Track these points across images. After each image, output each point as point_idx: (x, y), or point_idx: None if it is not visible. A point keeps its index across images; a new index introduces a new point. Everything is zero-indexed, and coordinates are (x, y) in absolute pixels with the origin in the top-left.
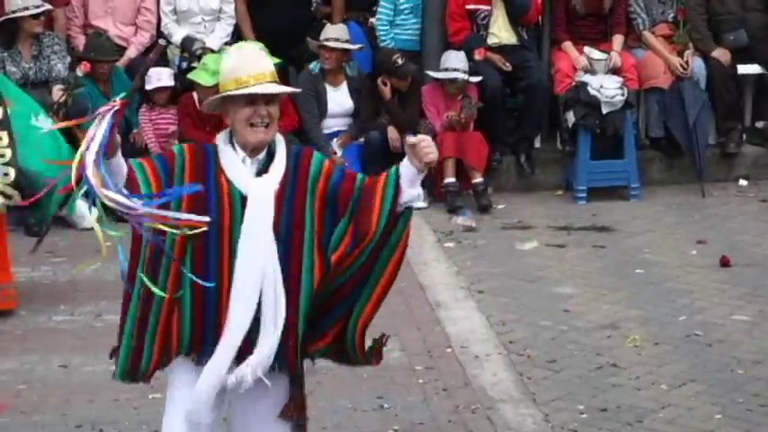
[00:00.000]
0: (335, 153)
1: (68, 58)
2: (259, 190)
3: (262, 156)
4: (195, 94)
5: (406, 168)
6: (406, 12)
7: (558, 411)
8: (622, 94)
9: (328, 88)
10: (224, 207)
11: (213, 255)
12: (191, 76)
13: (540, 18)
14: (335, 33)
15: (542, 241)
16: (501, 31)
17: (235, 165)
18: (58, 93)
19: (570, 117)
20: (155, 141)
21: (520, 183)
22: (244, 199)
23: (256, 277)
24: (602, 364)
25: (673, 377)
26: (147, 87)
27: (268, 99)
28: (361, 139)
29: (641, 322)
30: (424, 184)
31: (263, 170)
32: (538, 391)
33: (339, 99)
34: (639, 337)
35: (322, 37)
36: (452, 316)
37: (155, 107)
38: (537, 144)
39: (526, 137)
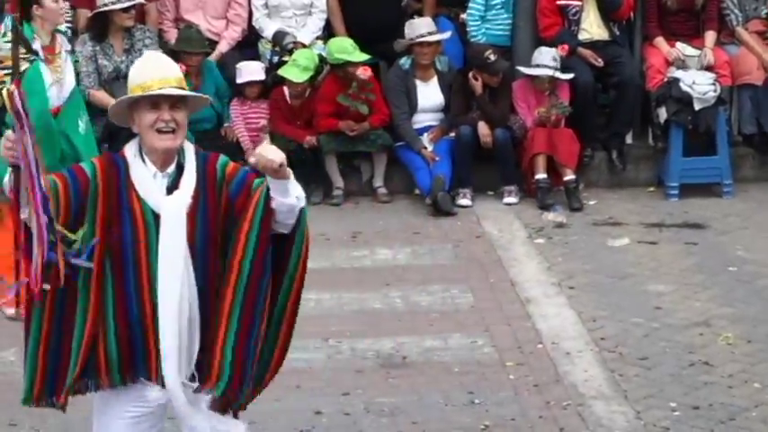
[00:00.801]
0: (426, 148)
1: (160, 51)
2: (171, 208)
3: (171, 169)
4: (286, 89)
5: (272, 183)
6: (498, 7)
7: (650, 409)
8: (715, 91)
9: (418, 83)
10: (138, 224)
11: (132, 273)
12: (281, 72)
13: (631, 13)
14: (428, 27)
15: (634, 238)
16: (592, 27)
17: (145, 181)
18: None
19: (662, 113)
20: (246, 135)
21: (611, 179)
22: (157, 216)
23: (177, 297)
24: (695, 361)
25: (765, 376)
26: (239, 81)
27: (173, 104)
28: (452, 134)
29: (734, 320)
30: (515, 181)
31: (173, 185)
32: (629, 389)
33: (429, 94)
34: (732, 335)
35: (416, 33)
36: (543, 312)
37: (246, 101)
38: (628, 140)
39: (618, 133)
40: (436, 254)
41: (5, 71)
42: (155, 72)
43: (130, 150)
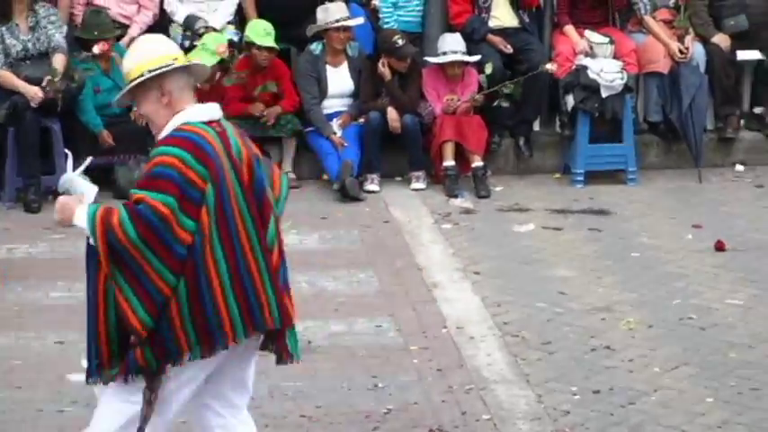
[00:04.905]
0: (335, 133)
1: (65, 28)
2: None
3: None
4: None
5: None
6: None
7: (552, 393)
8: (622, 78)
9: (329, 69)
10: None
11: None
12: (189, 56)
13: (541, 1)
14: (341, 12)
15: (539, 224)
16: (502, 14)
17: None
18: (60, 61)
19: (569, 100)
20: None
21: (518, 166)
22: None
23: None
24: (596, 346)
25: (665, 360)
26: None
27: None
28: (361, 120)
29: (636, 305)
30: (423, 167)
31: None
32: (531, 373)
33: (339, 79)
34: (633, 320)
35: (330, 18)
36: (448, 297)
37: None
38: (536, 127)
39: (525, 120)
40: (343, 239)
41: None
42: None
43: None
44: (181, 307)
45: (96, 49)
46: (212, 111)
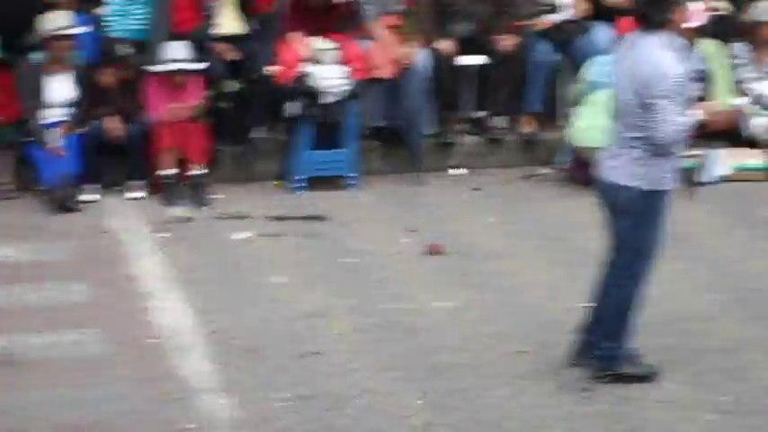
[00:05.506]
0: (54, 143)
1: None
2: None
3: None
4: None
5: None
6: (138, 1)
7: (258, 400)
8: (346, 84)
9: (51, 78)
10: None
11: None
12: None
13: (273, 8)
14: (64, 21)
15: (258, 231)
16: (228, 22)
17: None
18: None
19: (292, 107)
20: None
21: (240, 173)
22: None
23: None
24: (305, 352)
25: (374, 364)
26: None
27: None
28: (82, 129)
29: (348, 310)
30: (144, 176)
31: None
32: (239, 380)
33: (61, 89)
34: (344, 324)
35: (52, 26)
36: (160, 306)
37: None
38: (258, 134)
39: (248, 127)
40: (59, 250)
41: None
42: None
43: None
44: None
45: None
46: None
